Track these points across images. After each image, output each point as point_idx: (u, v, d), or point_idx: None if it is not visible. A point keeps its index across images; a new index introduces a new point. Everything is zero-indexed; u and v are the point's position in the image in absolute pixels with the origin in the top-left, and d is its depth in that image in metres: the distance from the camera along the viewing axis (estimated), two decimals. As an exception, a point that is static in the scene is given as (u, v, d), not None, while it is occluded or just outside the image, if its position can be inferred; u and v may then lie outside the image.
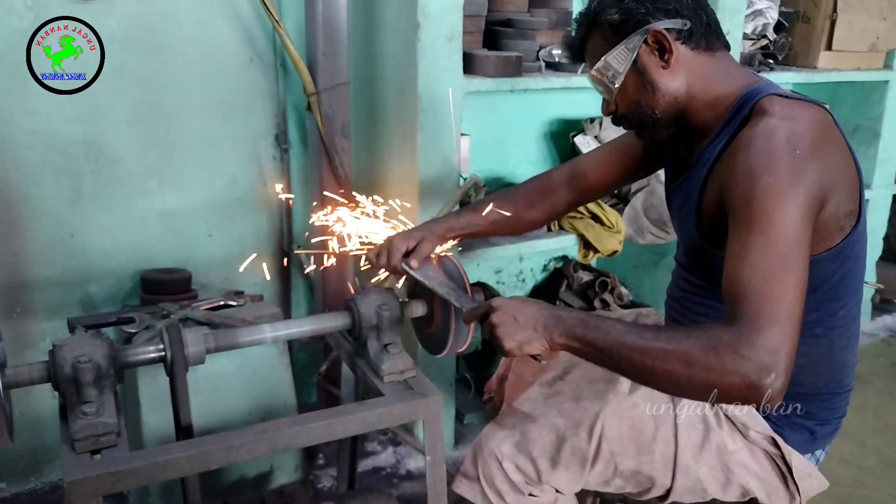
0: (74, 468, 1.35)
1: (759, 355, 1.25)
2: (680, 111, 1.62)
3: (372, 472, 2.82)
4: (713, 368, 1.28)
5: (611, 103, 1.67)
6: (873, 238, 3.99)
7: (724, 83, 1.59)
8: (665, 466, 1.66)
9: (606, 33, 1.60)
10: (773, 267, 1.32)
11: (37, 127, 2.40)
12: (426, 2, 2.34)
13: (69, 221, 2.52)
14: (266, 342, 1.69)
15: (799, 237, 1.35)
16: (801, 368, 1.59)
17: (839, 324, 1.63)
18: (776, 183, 1.37)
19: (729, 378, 1.27)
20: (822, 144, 1.44)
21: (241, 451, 1.47)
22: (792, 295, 1.31)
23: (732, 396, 1.30)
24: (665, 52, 1.57)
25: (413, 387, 1.68)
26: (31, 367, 1.44)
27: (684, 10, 1.56)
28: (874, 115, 3.76)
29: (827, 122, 1.50)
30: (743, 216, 1.39)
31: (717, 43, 1.62)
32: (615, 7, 1.57)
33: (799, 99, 1.52)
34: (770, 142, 1.41)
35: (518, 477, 1.68)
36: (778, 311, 1.29)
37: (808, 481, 1.67)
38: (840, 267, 1.56)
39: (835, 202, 1.47)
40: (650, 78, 1.59)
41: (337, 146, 2.47)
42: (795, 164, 1.38)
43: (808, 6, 3.46)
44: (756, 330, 1.27)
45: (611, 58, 1.59)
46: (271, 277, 2.94)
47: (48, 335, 2.57)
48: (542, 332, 1.46)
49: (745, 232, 1.37)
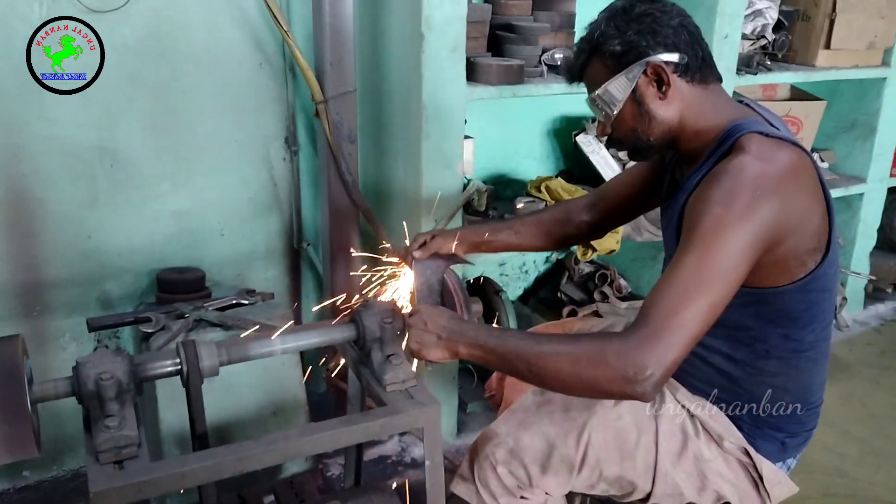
0: (100, 479, 1.45)
1: (641, 360, 1.37)
2: (672, 139, 1.71)
3: (378, 461, 2.92)
4: (597, 368, 1.41)
5: (606, 126, 1.75)
6: (867, 229, 4.08)
7: (714, 115, 1.66)
8: (646, 472, 1.79)
9: (608, 62, 1.66)
10: (689, 288, 1.42)
11: (52, 133, 2.47)
12: (430, 14, 2.40)
13: (86, 223, 2.60)
14: (276, 353, 1.79)
15: (730, 269, 1.44)
16: (771, 388, 1.73)
17: (806, 348, 1.73)
18: (725, 216, 1.46)
19: (610, 377, 1.40)
20: (789, 187, 1.51)
21: (252, 460, 1.57)
22: (693, 315, 1.40)
23: (611, 393, 1.46)
24: (663, 84, 1.64)
25: (414, 396, 1.78)
26: (57, 382, 1.54)
27: (682, 45, 1.63)
28: (871, 111, 3.82)
29: (801, 166, 1.56)
30: (685, 240, 1.49)
31: (711, 76, 1.69)
32: (618, 38, 1.63)
33: (781, 139, 1.58)
34: (735, 178, 1.49)
35: (511, 481, 1.81)
36: (672, 325, 1.39)
37: (779, 487, 1.78)
38: (805, 298, 1.65)
39: (793, 241, 1.55)
40: (647, 107, 1.67)
41: (344, 152, 2.55)
42: (751, 203, 1.46)
43: (808, 5, 3.50)
44: (646, 337, 1.39)
45: (611, 86, 1.66)
46: (282, 274, 3.04)
47: (67, 332, 2.67)
48: (444, 341, 1.62)
49: (682, 253, 1.48)
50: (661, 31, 1.61)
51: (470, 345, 1.59)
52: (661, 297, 1.44)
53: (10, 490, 2.68)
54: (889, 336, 4.07)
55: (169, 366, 1.66)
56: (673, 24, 1.63)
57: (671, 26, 1.62)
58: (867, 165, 3.89)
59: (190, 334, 2.35)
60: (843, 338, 3.98)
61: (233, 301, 2.55)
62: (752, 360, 1.73)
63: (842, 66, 3.58)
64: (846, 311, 4.04)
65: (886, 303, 4.40)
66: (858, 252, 4.09)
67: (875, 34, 3.54)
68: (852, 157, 3.95)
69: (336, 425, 1.68)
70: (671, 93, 1.65)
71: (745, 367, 1.74)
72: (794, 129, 3.74)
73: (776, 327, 1.68)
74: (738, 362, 1.74)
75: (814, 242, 1.59)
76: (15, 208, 2.48)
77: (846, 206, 4.03)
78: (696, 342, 1.43)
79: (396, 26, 2.59)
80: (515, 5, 2.91)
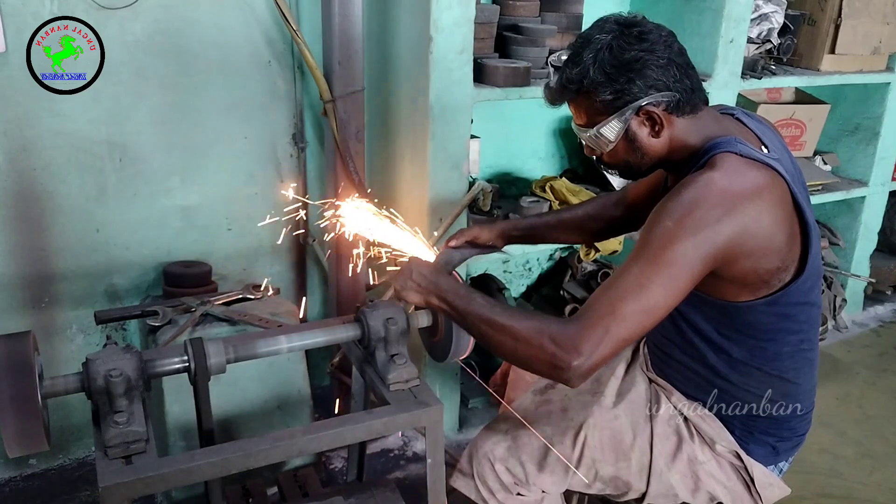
0: (108, 474, 1.49)
1: (571, 348, 1.45)
2: (662, 163, 1.74)
3: (380, 454, 2.95)
4: (531, 346, 1.50)
5: (595, 151, 1.76)
6: (868, 232, 4.10)
7: (700, 135, 1.68)
8: (641, 473, 1.83)
9: (598, 105, 1.65)
10: (628, 290, 1.49)
11: (62, 128, 2.50)
12: (439, 16, 2.43)
13: (94, 217, 2.63)
14: (282, 352, 1.82)
15: (671, 278, 1.49)
16: (756, 396, 1.77)
17: (784, 357, 1.75)
18: (674, 229, 1.50)
19: (541, 358, 1.49)
20: (747, 206, 1.53)
21: (258, 457, 1.61)
22: (626, 318, 1.47)
23: (541, 372, 1.55)
24: (656, 124, 1.65)
25: (416, 395, 1.81)
26: (67, 378, 1.57)
27: (672, 83, 1.61)
28: (875, 115, 3.83)
29: (768, 187, 1.57)
30: (637, 246, 1.55)
31: (699, 103, 1.69)
32: (608, 87, 1.61)
33: (756, 160, 1.59)
34: (695, 193, 1.52)
35: (508, 478, 1.85)
36: (607, 322, 1.46)
37: (770, 489, 1.82)
38: (778, 311, 1.67)
39: (751, 261, 1.57)
40: (639, 144, 1.68)
41: (351, 150, 2.57)
42: (705, 219, 1.50)
43: (814, 9, 3.51)
44: (580, 330, 1.46)
45: (603, 129, 1.66)
46: (287, 269, 3.07)
47: (74, 324, 2.71)
48: (423, 289, 1.73)
49: (630, 259, 1.53)
50: (651, 72, 1.60)
51: (440, 298, 1.69)
52: (601, 297, 1.50)
53: (17, 478, 2.72)
54: (887, 338, 4.08)
55: (177, 363, 1.69)
56: (661, 63, 1.60)
57: (660, 66, 1.60)
58: (869, 169, 3.91)
59: (196, 329, 2.39)
60: (841, 339, 4.00)
61: (239, 296, 2.59)
62: (732, 370, 1.76)
63: (846, 71, 3.59)
64: (845, 313, 4.06)
65: (885, 305, 4.41)
66: (859, 254, 4.11)
67: (880, 39, 3.55)
68: (855, 160, 3.97)
69: (339, 424, 1.72)
70: (663, 130, 1.66)
71: (729, 377, 1.77)
72: (797, 132, 3.77)
73: (751, 338, 1.72)
74: (719, 372, 1.78)
75: (776, 263, 1.61)
76: (24, 202, 2.51)
77: (847, 208, 4.05)
78: (626, 342, 1.49)
79: (405, 27, 2.61)
80: (523, 6, 2.93)
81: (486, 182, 2.91)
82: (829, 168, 3.95)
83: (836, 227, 4.11)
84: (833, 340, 3.94)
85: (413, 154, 2.67)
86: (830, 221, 4.15)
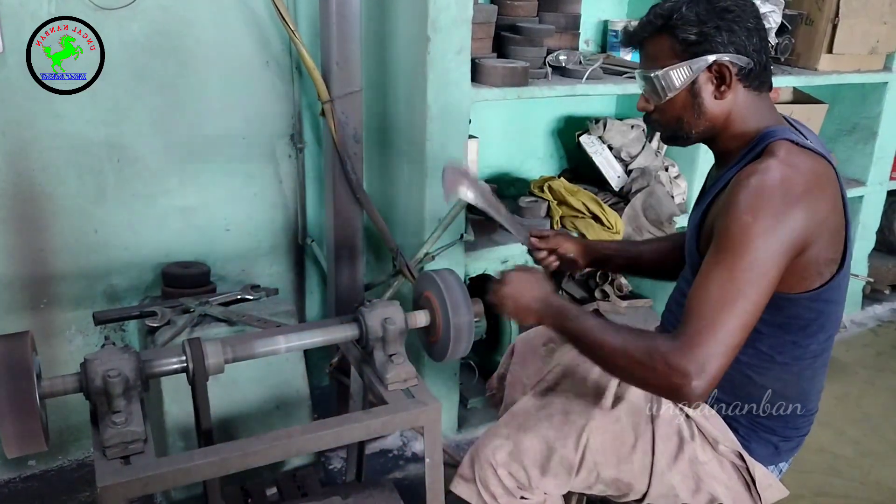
0: (107, 474, 1.49)
1: (686, 368, 1.45)
2: (713, 136, 1.74)
3: (379, 454, 2.94)
4: (646, 369, 1.51)
5: (651, 104, 1.76)
6: (866, 232, 4.11)
7: (755, 120, 1.69)
8: (642, 474, 1.83)
9: (676, 46, 1.65)
10: (726, 297, 1.48)
11: (61, 129, 2.50)
12: (436, 16, 2.42)
13: (93, 218, 2.63)
14: (280, 352, 1.83)
15: (761, 276, 1.49)
16: (771, 391, 1.76)
17: (809, 356, 1.76)
18: (754, 223, 1.49)
19: (656, 380, 1.50)
20: (814, 194, 1.54)
21: (256, 457, 1.62)
22: (734, 324, 1.46)
23: (659, 393, 1.60)
24: (723, 84, 1.66)
25: (415, 395, 1.82)
26: (65, 378, 1.58)
27: (751, 50, 1.63)
28: (872, 115, 3.84)
29: (825, 174, 1.59)
30: (717, 246, 1.54)
31: (766, 85, 1.71)
32: (695, 26, 1.62)
33: (809, 149, 1.60)
34: (763, 183, 1.52)
35: (510, 482, 1.84)
36: (716, 334, 1.45)
37: (770, 490, 1.82)
38: (816, 308, 1.68)
39: (816, 249, 1.57)
40: (701, 101, 1.68)
41: (349, 151, 2.57)
42: (779, 210, 1.50)
43: (811, 9, 3.51)
44: (691, 346, 1.46)
45: (673, 72, 1.66)
46: (286, 269, 3.07)
47: (73, 325, 2.70)
48: (534, 313, 1.78)
49: (714, 261, 1.53)
50: (738, 31, 1.62)
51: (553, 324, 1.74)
52: (699, 308, 1.49)
53: (16, 479, 2.71)
54: (886, 337, 4.09)
55: (175, 363, 1.70)
56: (749, 26, 1.63)
57: (747, 28, 1.63)
58: (867, 168, 3.92)
59: (194, 329, 2.39)
60: (839, 338, 3.98)
61: (237, 296, 2.58)
62: (756, 364, 1.76)
63: (844, 71, 3.59)
64: (844, 312, 4.05)
65: (884, 304, 4.42)
66: (857, 254, 4.10)
67: (877, 39, 3.56)
68: (853, 160, 3.97)
69: (338, 423, 1.73)
70: (728, 93, 1.67)
71: (748, 369, 1.77)
72: (795, 132, 3.76)
73: (786, 333, 1.71)
74: (741, 364, 1.75)
75: (831, 252, 1.62)
76: (23, 202, 2.51)
77: (846, 208, 4.04)
78: (737, 349, 1.48)
79: (402, 27, 2.61)
80: (521, 6, 2.93)
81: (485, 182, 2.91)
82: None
83: (834, 227, 4.10)
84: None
85: (411, 154, 2.66)
86: (829, 221, 4.13)
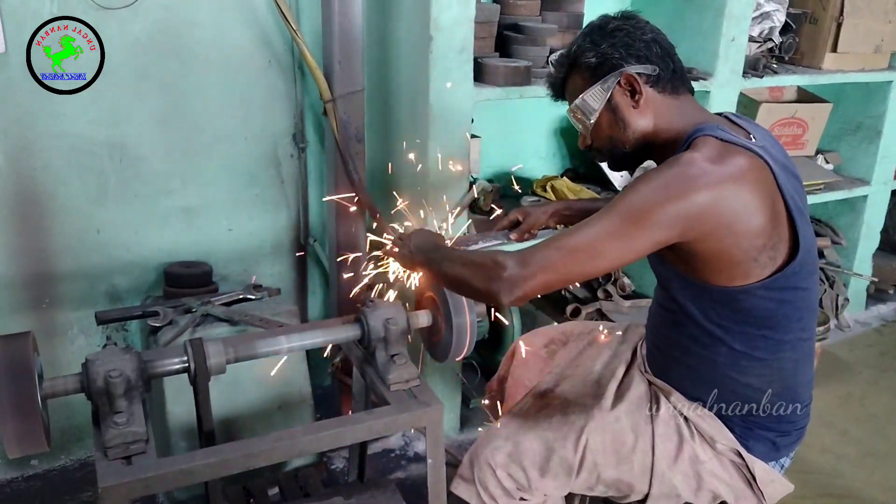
0: (108, 475, 1.49)
1: (506, 280, 1.52)
2: (647, 146, 1.77)
3: (381, 454, 2.95)
4: (479, 275, 1.57)
5: (586, 137, 1.83)
6: (870, 231, 4.09)
7: (681, 122, 1.72)
8: (643, 474, 1.82)
9: (584, 74, 1.76)
10: (578, 242, 1.54)
11: (63, 129, 2.50)
12: (438, 16, 2.42)
13: (95, 218, 2.63)
14: (282, 353, 1.83)
15: (630, 237, 1.52)
16: (757, 392, 1.75)
17: (786, 349, 1.74)
18: (645, 192, 1.54)
19: (483, 284, 1.56)
20: (727, 185, 1.54)
21: (258, 457, 1.62)
22: (561, 259, 1.53)
23: (480, 297, 1.63)
24: (636, 94, 1.72)
25: (417, 395, 1.82)
26: (67, 379, 1.58)
27: (654, 58, 1.72)
28: (876, 114, 3.83)
29: (748, 169, 1.58)
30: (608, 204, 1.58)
31: (682, 87, 1.76)
32: (593, 51, 1.73)
33: (737, 143, 1.61)
34: (676, 168, 1.55)
35: (510, 483, 1.84)
36: (540, 259, 1.52)
37: (773, 486, 1.81)
38: (775, 297, 1.67)
39: (731, 239, 1.57)
40: (622, 115, 1.74)
41: (351, 150, 2.57)
42: (679, 188, 1.52)
43: (815, 8, 3.51)
44: (517, 263, 1.52)
45: (587, 96, 1.75)
46: (288, 269, 3.07)
47: (75, 325, 2.70)
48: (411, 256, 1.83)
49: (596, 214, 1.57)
50: (634, 44, 1.71)
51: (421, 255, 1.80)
52: (551, 241, 1.56)
53: (19, 478, 2.71)
54: (890, 337, 4.07)
55: (177, 363, 1.70)
56: (646, 38, 1.72)
57: (644, 40, 1.72)
58: (872, 168, 3.90)
59: (197, 329, 2.38)
60: (843, 338, 3.99)
61: (239, 296, 2.58)
62: (733, 363, 1.75)
63: (848, 70, 3.58)
64: (848, 312, 4.06)
65: (888, 304, 4.40)
66: (861, 253, 4.10)
67: (882, 38, 3.55)
68: (857, 159, 3.96)
69: (340, 424, 1.72)
70: (644, 102, 1.73)
71: (728, 369, 1.76)
72: (799, 131, 3.77)
73: (753, 328, 1.70)
74: (719, 365, 1.77)
75: (762, 240, 1.60)
76: (25, 203, 2.51)
77: (850, 208, 4.05)
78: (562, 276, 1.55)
79: (404, 27, 2.60)
80: (524, 6, 2.93)
81: (487, 182, 2.91)
82: (831, 167, 3.94)
83: (838, 226, 4.11)
84: (835, 340, 3.92)
85: (413, 154, 2.66)
86: (833, 220, 4.14)
